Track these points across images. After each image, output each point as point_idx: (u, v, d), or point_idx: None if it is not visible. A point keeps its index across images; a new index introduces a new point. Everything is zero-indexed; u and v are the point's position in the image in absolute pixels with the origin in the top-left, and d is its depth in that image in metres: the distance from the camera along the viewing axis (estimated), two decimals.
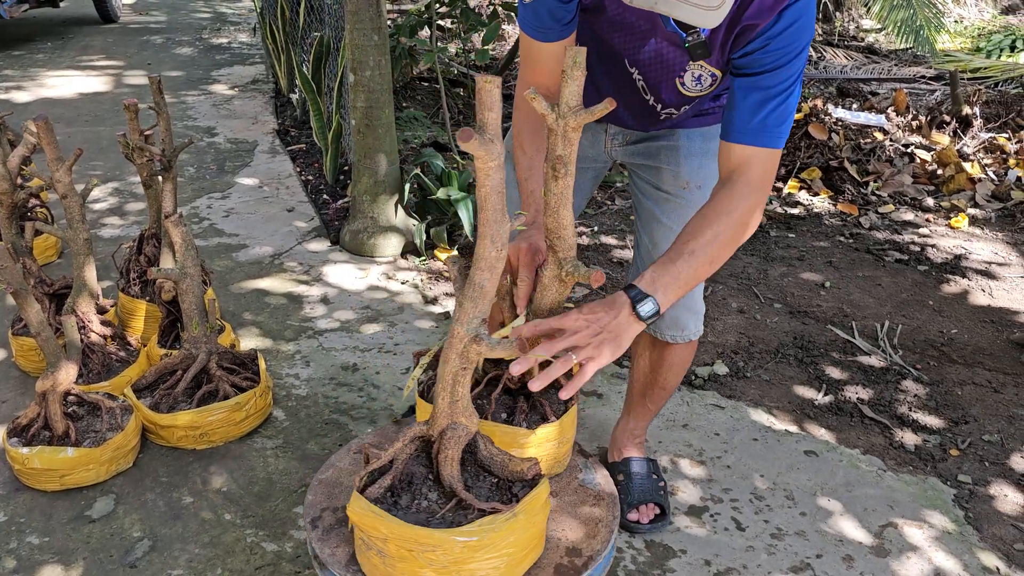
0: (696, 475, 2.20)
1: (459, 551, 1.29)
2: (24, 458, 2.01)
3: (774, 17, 1.36)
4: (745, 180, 1.43)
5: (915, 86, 6.62)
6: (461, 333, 1.28)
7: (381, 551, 1.32)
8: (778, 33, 1.37)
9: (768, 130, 1.41)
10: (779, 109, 1.41)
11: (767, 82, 1.40)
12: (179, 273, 2.21)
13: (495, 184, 1.15)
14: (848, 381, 2.71)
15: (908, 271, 3.54)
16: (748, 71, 1.42)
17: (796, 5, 1.36)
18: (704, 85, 1.58)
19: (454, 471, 1.37)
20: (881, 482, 2.21)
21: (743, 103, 1.42)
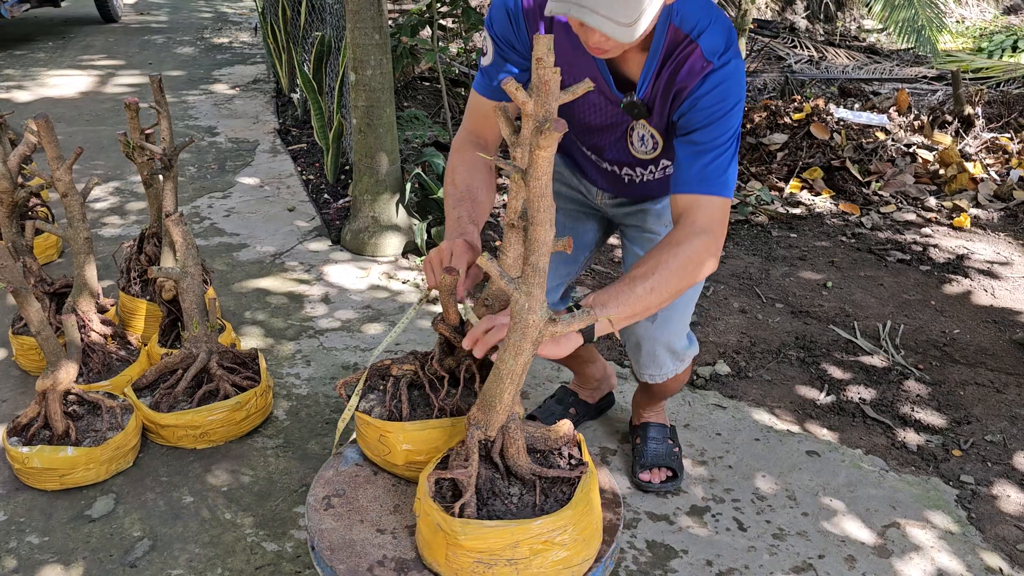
0: (698, 475, 2.19)
1: (581, 520, 1.41)
2: (24, 457, 2.01)
3: (699, 80, 1.52)
4: (689, 222, 1.53)
5: (917, 86, 6.61)
6: (536, 321, 1.30)
7: (511, 560, 1.37)
8: (704, 94, 1.52)
9: (709, 179, 1.52)
10: (717, 161, 1.53)
11: (701, 138, 1.54)
12: (180, 272, 2.21)
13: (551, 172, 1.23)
14: (850, 381, 2.70)
15: (910, 271, 3.53)
16: (684, 131, 1.56)
17: (720, 71, 1.51)
18: (648, 147, 1.71)
19: (527, 458, 1.45)
20: (883, 482, 2.21)
21: (683, 159, 1.56)
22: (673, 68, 1.54)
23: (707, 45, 1.52)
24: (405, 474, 1.68)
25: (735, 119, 1.55)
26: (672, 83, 1.56)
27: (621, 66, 1.61)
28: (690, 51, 1.52)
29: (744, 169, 4.55)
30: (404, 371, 1.70)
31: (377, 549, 1.52)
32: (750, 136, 4.77)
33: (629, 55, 1.58)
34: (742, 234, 3.86)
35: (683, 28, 1.53)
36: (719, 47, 1.53)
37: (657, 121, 1.64)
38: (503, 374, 1.37)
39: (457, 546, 1.36)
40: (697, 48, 1.52)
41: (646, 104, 1.61)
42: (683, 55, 1.53)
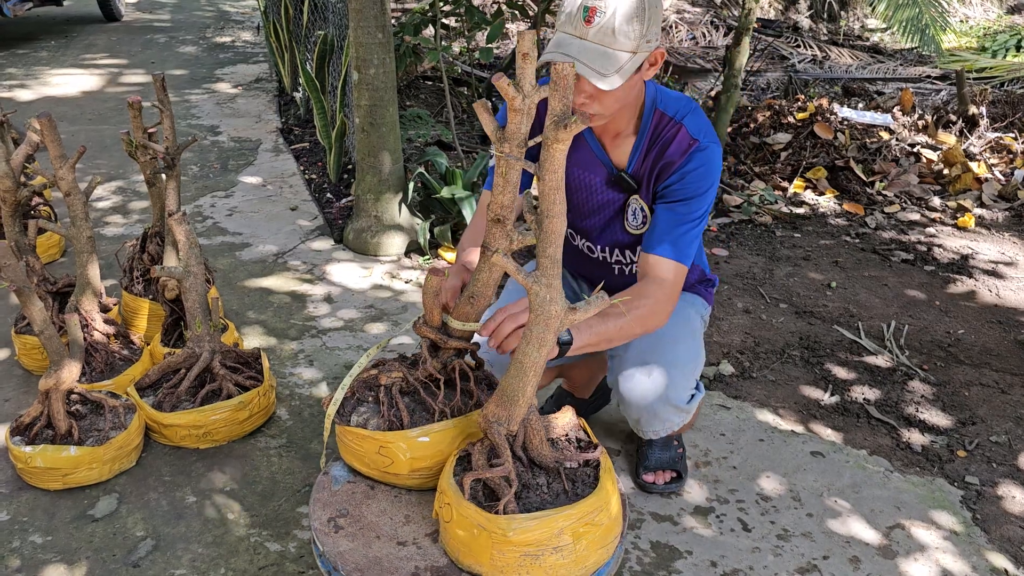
0: (702, 476, 2.19)
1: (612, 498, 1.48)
2: (27, 457, 2.01)
3: (687, 155, 1.73)
4: (657, 281, 1.73)
5: (920, 86, 6.59)
6: (557, 311, 1.32)
7: (557, 547, 1.41)
8: (692, 171, 1.73)
9: (679, 248, 1.74)
10: (689, 233, 1.75)
11: (682, 209, 1.74)
12: (183, 272, 2.20)
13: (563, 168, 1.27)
14: (854, 381, 2.69)
15: (914, 271, 3.52)
16: (668, 199, 1.76)
17: (706, 151, 1.73)
18: (639, 221, 1.87)
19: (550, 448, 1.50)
20: (888, 483, 2.20)
21: (662, 224, 1.75)
22: (661, 146, 1.76)
23: (691, 126, 1.75)
24: (408, 483, 1.67)
25: (711, 197, 1.77)
26: (660, 158, 1.76)
27: (613, 151, 1.84)
28: (676, 130, 1.75)
29: (748, 169, 4.54)
30: (393, 379, 1.68)
31: (406, 562, 1.51)
32: (754, 135, 4.76)
33: (620, 139, 1.80)
34: (746, 234, 3.85)
35: (667, 112, 1.77)
36: (703, 129, 1.76)
37: (645, 195, 1.83)
38: (526, 367, 1.38)
39: (505, 543, 1.38)
40: (683, 128, 1.75)
41: (634, 178, 1.82)
42: (669, 134, 1.75)
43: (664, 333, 1.83)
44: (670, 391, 1.85)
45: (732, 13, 8.91)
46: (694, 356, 1.93)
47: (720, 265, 3.51)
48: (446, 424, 1.62)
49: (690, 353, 1.91)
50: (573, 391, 2.36)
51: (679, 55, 7.39)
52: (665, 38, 8.10)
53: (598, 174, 1.87)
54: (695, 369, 1.92)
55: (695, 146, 1.73)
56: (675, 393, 1.87)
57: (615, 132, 1.81)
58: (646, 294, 1.71)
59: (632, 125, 1.80)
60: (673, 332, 1.87)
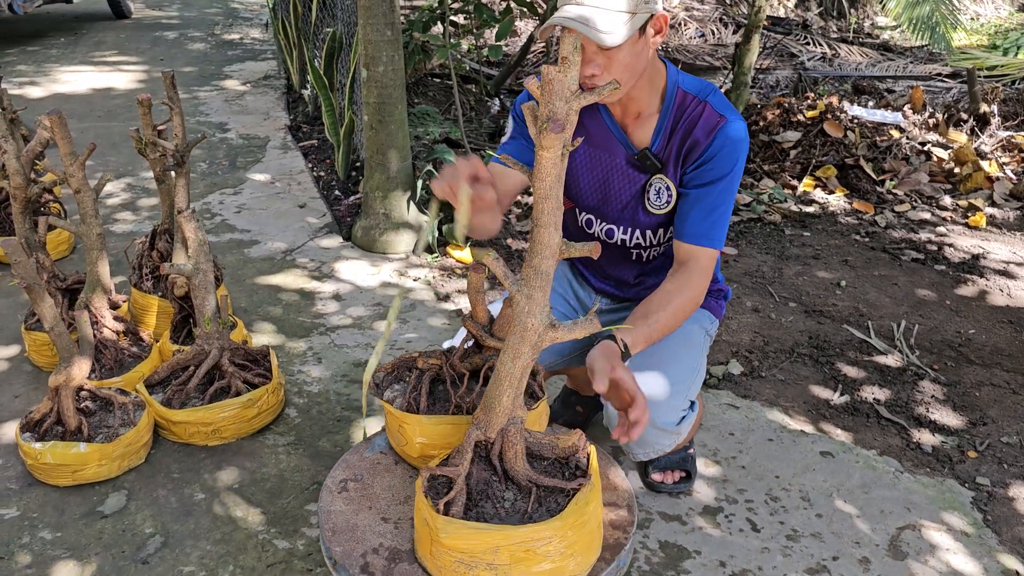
0: (711, 475, 2.18)
1: (571, 534, 1.36)
2: (37, 453, 2.01)
3: (715, 132, 1.73)
4: (696, 268, 1.77)
5: (931, 84, 6.56)
6: (535, 324, 1.29)
7: (491, 563, 1.34)
8: (720, 148, 1.73)
9: (712, 234, 1.76)
10: (723, 218, 1.77)
11: (714, 192, 1.75)
12: (191, 269, 2.20)
13: (559, 174, 1.21)
14: (864, 381, 2.68)
15: (925, 270, 3.50)
16: (700, 182, 1.76)
17: (733, 126, 1.73)
18: (663, 200, 1.85)
19: (525, 464, 1.42)
20: (898, 484, 2.19)
21: (697, 210, 1.76)
22: (688, 124, 1.76)
23: (716, 104, 1.75)
24: (419, 465, 1.68)
25: (739, 174, 1.77)
26: (688, 136, 1.76)
27: (635, 131, 1.82)
28: (701, 109, 1.75)
29: (757, 167, 4.52)
30: (429, 365, 1.70)
31: (376, 536, 1.53)
32: (763, 134, 4.74)
33: (642, 119, 1.79)
34: (755, 232, 3.84)
35: (691, 91, 1.77)
36: (728, 106, 1.76)
37: (673, 174, 1.81)
38: (501, 377, 1.36)
39: (439, 543, 1.35)
40: (708, 106, 1.75)
41: (659, 157, 1.80)
42: (695, 113, 1.75)
43: (660, 351, 1.81)
44: (657, 416, 1.78)
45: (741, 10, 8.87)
46: (690, 375, 1.87)
47: (729, 264, 3.49)
48: (456, 418, 1.63)
49: (684, 373, 1.86)
50: (578, 389, 2.36)
51: (688, 52, 7.36)
52: (674, 35, 8.07)
53: (617, 154, 1.85)
54: (689, 389, 1.86)
55: (723, 123, 1.73)
56: (663, 417, 1.81)
57: (637, 112, 1.79)
58: (687, 284, 1.75)
59: (655, 104, 1.78)
60: (670, 350, 1.85)
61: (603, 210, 1.94)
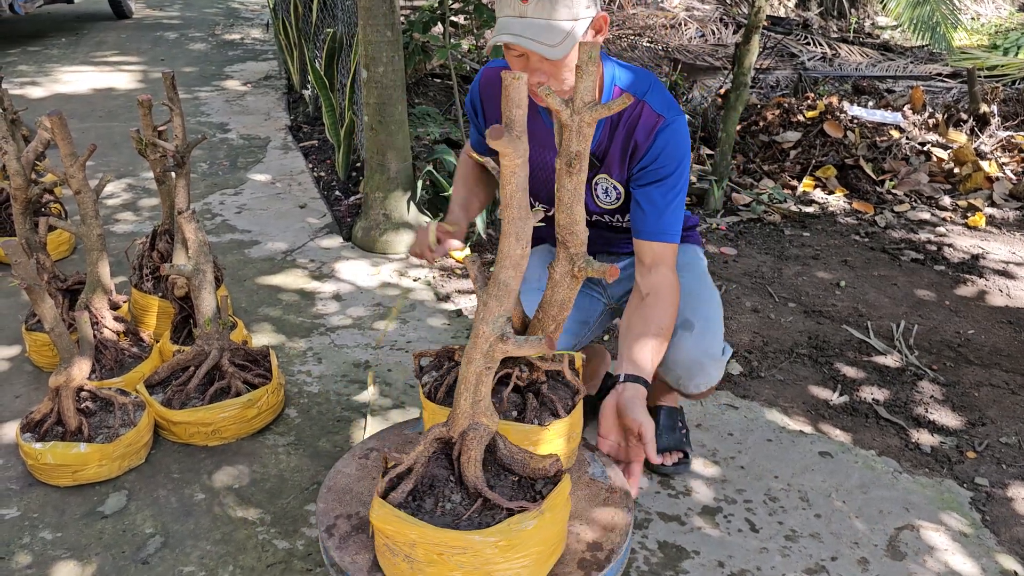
0: (710, 475, 2.18)
1: (489, 552, 1.28)
2: (37, 453, 2.02)
3: (655, 134, 1.76)
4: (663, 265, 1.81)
5: (931, 84, 6.56)
6: (487, 332, 1.28)
7: (409, 556, 1.32)
8: (662, 149, 1.76)
9: (666, 230, 1.80)
10: (676, 212, 1.81)
11: (663, 191, 1.79)
12: (192, 270, 2.21)
13: (520, 182, 1.17)
14: (863, 381, 2.68)
15: (924, 271, 3.50)
16: (647, 182, 1.80)
17: (672, 125, 1.76)
18: (612, 198, 1.90)
19: (478, 471, 1.37)
20: (897, 484, 2.19)
21: (650, 210, 1.80)
22: (627, 126, 1.78)
23: (654, 103, 1.77)
24: None
25: (687, 167, 1.81)
26: (629, 139, 1.79)
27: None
28: (640, 109, 1.77)
29: (757, 167, 4.53)
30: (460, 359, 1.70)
31: (359, 505, 1.55)
32: (763, 134, 4.75)
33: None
34: (755, 232, 3.84)
35: (629, 89, 1.78)
36: (666, 103, 1.78)
37: (618, 175, 1.85)
38: (459, 379, 1.36)
39: (372, 522, 1.35)
40: (645, 106, 1.76)
41: (597, 156, 1.83)
42: (635, 114, 1.77)
43: (691, 291, 1.91)
44: (710, 345, 1.89)
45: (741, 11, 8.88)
46: (718, 307, 1.98)
47: (728, 264, 3.50)
48: None
49: (715, 306, 1.96)
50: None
51: (688, 52, 7.36)
52: (674, 35, 8.08)
53: (552, 150, 1.87)
54: (721, 320, 1.97)
55: (661, 123, 1.76)
56: (714, 347, 1.90)
57: None
58: (661, 287, 1.79)
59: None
60: (698, 289, 1.96)
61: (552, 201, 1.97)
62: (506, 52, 1.67)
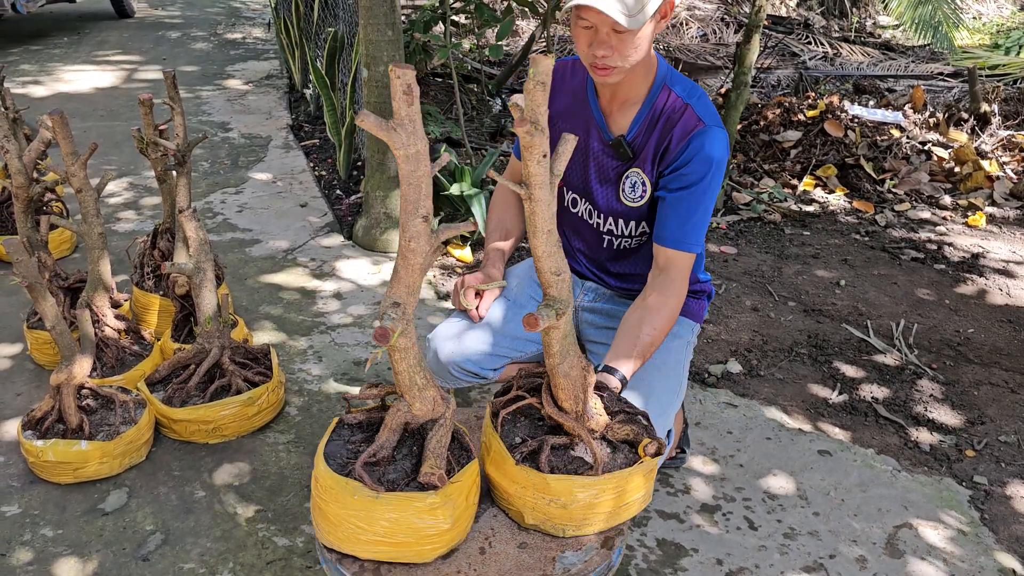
0: (709, 473, 2.19)
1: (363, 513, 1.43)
2: (38, 451, 2.03)
3: (692, 136, 1.73)
4: (677, 274, 1.79)
5: (932, 83, 6.56)
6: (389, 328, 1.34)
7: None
8: (695, 154, 1.73)
9: (688, 238, 1.77)
10: (701, 222, 1.78)
11: (691, 198, 1.75)
12: (193, 268, 2.22)
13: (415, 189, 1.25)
14: (863, 380, 2.68)
15: (924, 270, 3.51)
16: (675, 186, 1.76)
17: (711, 131, 1.73)
18: (638, 194, 1.85)
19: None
20: (896, 482, 2.20)
21: (674, 215, 1.77)
22: (666, 123, 1.76)
23: (698, 108, 1.75)
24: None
25: (718, 181, 1.77)
26: (665, 136, 1.76)
27: (615, 117, 1.83)
28: (682, 111, 1.75)
29: (757, 166, 4.53)
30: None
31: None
32: (763, 133, 4.75)
33: (625, 107, 1.80)
34: (755, 232, 3.84)
35: (675, 90, 1.77)
36: (709, 113, 1.76)
37: (648, 171, 1.81)
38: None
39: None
40: (689, 108, 1.75)
41: (632, 147, 1.80)
42: (675, 113, 1.75)
43: (638, 382, 1.77)
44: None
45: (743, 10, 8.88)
46: (667, 405, 1.80)
47: (729, 263, 3.50)
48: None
49: (662, 403, 1.79)
50: None
51: (690, 52, 7.37)
52: (675, 35, 8.08)
53: (593, 138, 1.86)
54: (667, 419, 1.78)
55: (700, 128, 1.73)
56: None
57: (623, 98, 1.79)
58: (670, 292, 1.78)
59: (641, 94, 1.78)
60: (648, 380, 1.80)
61: (585, 191, 1.94)
62: (574, 22, 1.64)
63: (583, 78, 1.88)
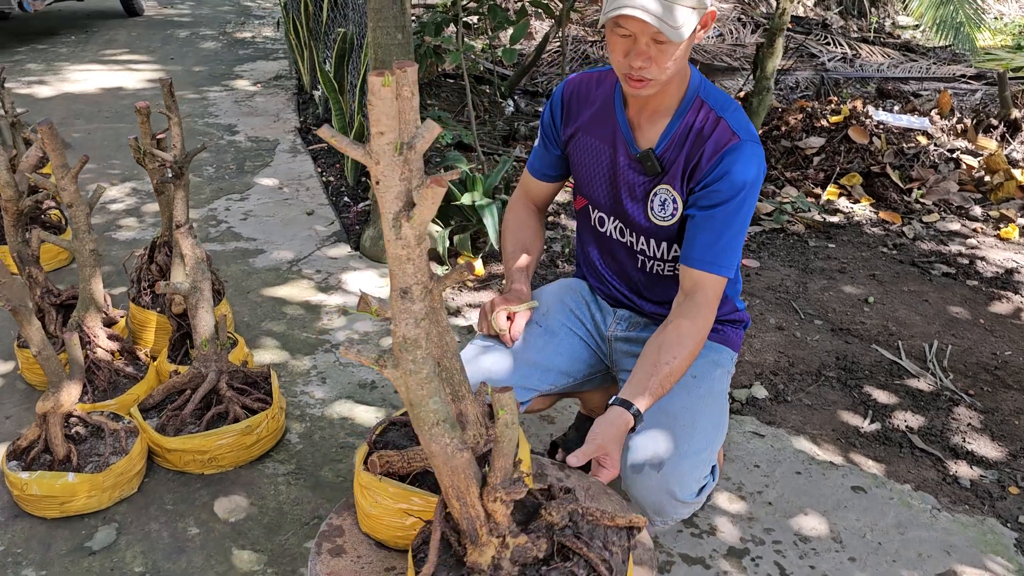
0: (736, 512, 2.05)
1: None
2: (23, 483, 1.91)
3: (724, 153, 1.61)
4: (704, 300, 1.66)
5: (955, 85, 6.37)
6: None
7: None
8: (729, 169, 1.61)
9: (720, 260, 1.64)
10: (734, 242, 1.65)
11: (724, 216, 1.63)
12: (188, 288, 2.09)
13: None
14: (896, 407, 2.54)
15: (956, 286, 3.35)
16: (708, 203, 1.63)
17: (747, 146, 1.61)
18: (668, 212, 1.72)
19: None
20: (936, 523, 2.05)
21: (705, 234, 1.64)
22: (698, 137, 1.64)
23: (733, 121, 1.63)
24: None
25: (754, 200, 1.65)
26: (697, 150, 1.64)
27: (644, 129, 1.71)
28: (715, 124, 1.63)
29: (779, 174, 4.38)
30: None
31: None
32: (785, 139, 4.59)
33: (655, 118, 1.69)
34: (778, 244, 3.69)
35: (708, 102, 1.66)
36: (746, 128, 1.64)
37: (678, 187, 1.69)
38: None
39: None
40: (723, 121, 1.63)
41: (661, 161, 1.69)
42: (708, 127, 1.64)
43: (682, 412, 1.66)
44: (678, 488, 1.59)
45: (761, 10, 8.71)
46: (713, 436, 1.69)
47: (751, 277, 3.35)
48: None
49: (708, 435, 1.67)
50: (591, 414, 2.23)
51: (705, 52, 7.20)
52: None
53: (620, 151, 1.74)
54: (712, 452, 1.67)
55: (735, 143, 1.61)
56: (683, 490, 1.60)
57: (653, 109, 1.68)
58: (695, 319, 1.65)
59: (672, 106, 1.67)
60: (693, 409, 1.68)
61: (616, 208, 1.82)
62: (610, 29, 1.54)
63: (610, 86, 1.75)
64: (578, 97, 1.82)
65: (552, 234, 3.67)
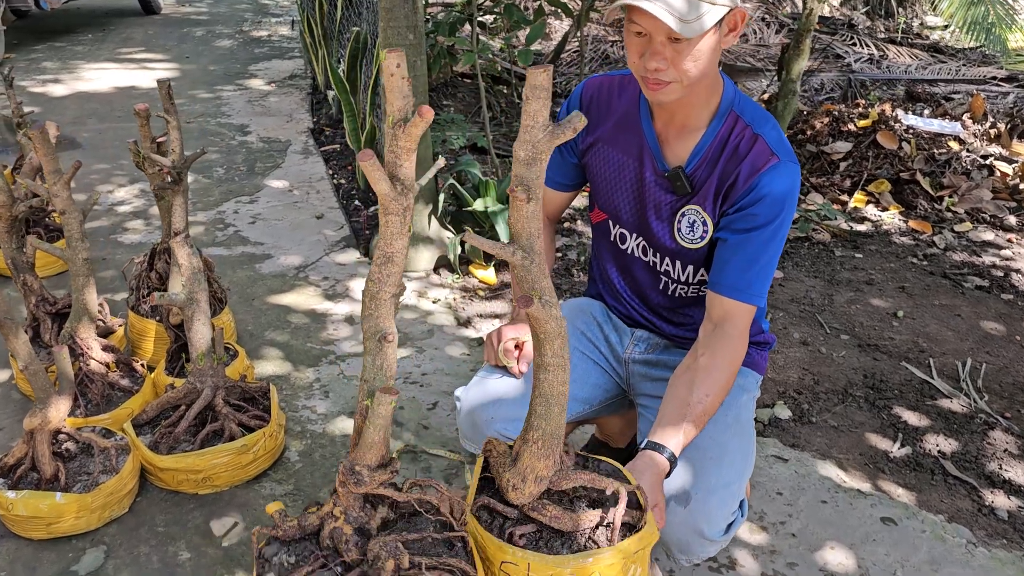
0: (757, 544, 1.93)
1: None
2: (9, 503, 1.82)
3: (762, 174, 1.50)
4: (734, 330, 1.56)
5: (986, 88, 6.19)
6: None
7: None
8: (768, 193, 1.50)
9: (752, 288, 1.55)
10: (766, 270, 1.55)
11: (758, 242, 1.53)
12: (184, 299, 2.00)
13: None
14: (927, 429, 2.41)
15: (990, 300, 3.20)
16: (741, 227, 1.54)
17: (786, 166, 1.51)
18: (697, 235, 1.62)
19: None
20: (972, 560, 1.92)
21: (737, 261, 1.54)
22: (733, 155, 1.54)
23: (771, 140, 1.53)
24: None
25: (788, 223, 1.55)
26: (732, 171, 1.54)
27: (673, 145, 1.60)
28: (752, 141, 1.53)
29: (804, 180, 4.24)
30: None
31: None
32: (811, 144, 4.45)
33: (685, 133, 1.58)
34: (802, 253, 3.56)
35: (744, 117, 1.55)
36: (784, 147, 1.54)
37: (709, 209, 1.59)
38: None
39: None
40: (760, 139, 1.53)
41: (691, 180, 1.59)
42: (744, 145, 1.53)
43: (710, 443, 1.56)
44: (706, 525, 1.50)
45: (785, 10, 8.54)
46: (741, 468, 1.60)
47: (775, 289, 3.22)
48: None
49: (736, 467, 1.58)
50: (608, 441, 2.13)
51: (728, 53, 7.05)
52: None
53: (646, 167, 1.64)
54: (741, 485, 1.58)
55: (774, 163, 1.51)
56: (711, 527, 1.52)
57: (682, 123, 1.57)
58: (726, 353, 1.55)
59: (704, 120, 1.56)
60: (720, 440, 1.59)
61: (640, 225, 1.71)
62: (627, 27, 1.44)
63: (634, 96, 1.64)
64: (598, 103, 1.70)
65: (567, 241, 3.56)
